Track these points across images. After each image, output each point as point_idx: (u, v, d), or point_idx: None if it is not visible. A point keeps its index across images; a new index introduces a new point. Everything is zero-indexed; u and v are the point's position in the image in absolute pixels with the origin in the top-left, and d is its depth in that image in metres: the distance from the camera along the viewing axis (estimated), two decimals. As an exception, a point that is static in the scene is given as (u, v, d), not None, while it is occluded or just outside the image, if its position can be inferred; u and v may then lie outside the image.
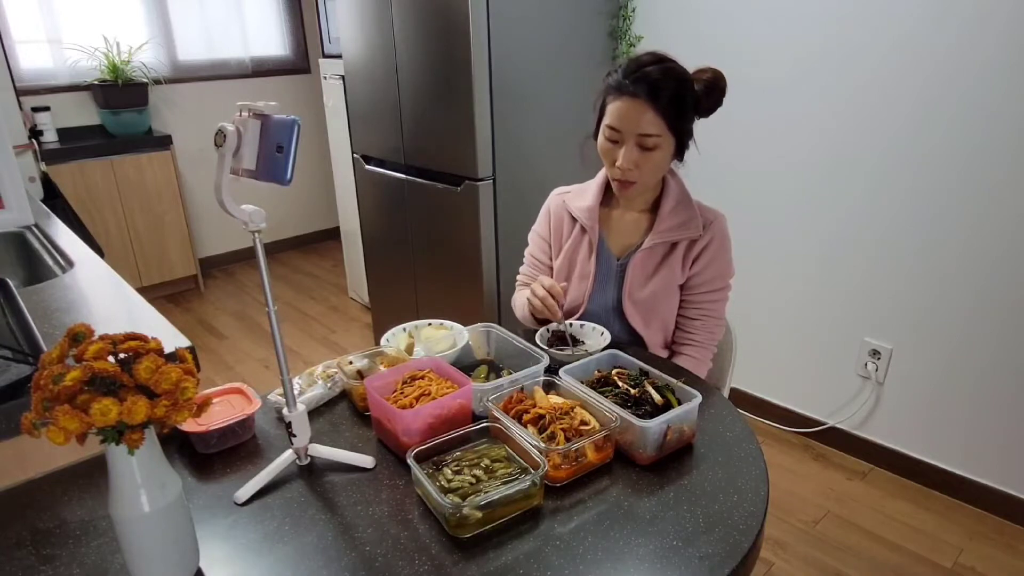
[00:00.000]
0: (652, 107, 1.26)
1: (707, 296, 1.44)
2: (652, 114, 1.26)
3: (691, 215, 1.40)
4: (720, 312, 1.47)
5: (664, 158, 1.33)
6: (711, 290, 1.43)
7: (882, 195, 2.08)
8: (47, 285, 1.45)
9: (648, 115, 1.27)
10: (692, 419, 1.03)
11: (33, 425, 0.65)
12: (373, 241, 2.99)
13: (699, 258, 1.40)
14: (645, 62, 1.29)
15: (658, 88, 1.26)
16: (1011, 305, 1.91)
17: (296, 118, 0.81)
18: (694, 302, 1.45)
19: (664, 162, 1.34)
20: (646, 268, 1.42)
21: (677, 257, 1.40)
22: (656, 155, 1.31)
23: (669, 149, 1.32)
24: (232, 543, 0.84)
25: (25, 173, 2.25)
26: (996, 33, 1.77)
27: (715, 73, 1.32)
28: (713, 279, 1.43)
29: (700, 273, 1.42)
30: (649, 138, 1.28)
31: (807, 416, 2.45)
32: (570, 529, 0.86)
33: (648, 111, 1.26)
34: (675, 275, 1.41)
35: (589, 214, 1.45)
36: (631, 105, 1.28)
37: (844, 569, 1.88)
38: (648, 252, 1.41)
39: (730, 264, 1.45)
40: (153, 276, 3.75)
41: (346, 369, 1.15)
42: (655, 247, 1.41)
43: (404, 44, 2.38)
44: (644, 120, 1.27)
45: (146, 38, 3.73)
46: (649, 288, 1.42)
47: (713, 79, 1.32)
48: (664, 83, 1.26)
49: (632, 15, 2.51)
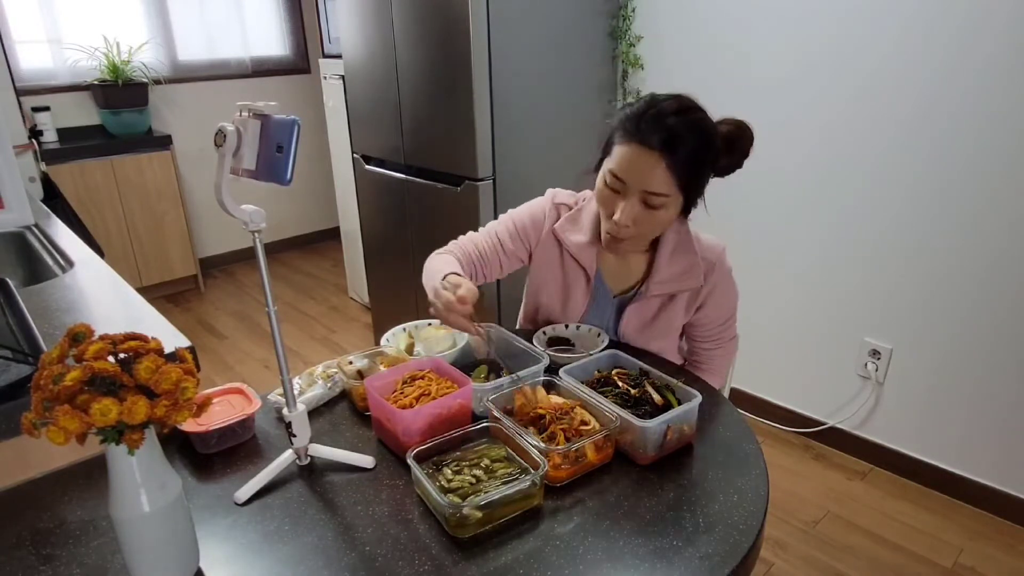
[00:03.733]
0: (665, 163, 1.10)
1: (720, 329, 1.39)
2: (664, 171, 1.11)
3: (692, 262, 1.28)
4: (733, 333, 1.43)
5: (668, 218, 1.19)
6: (723, 323, 1.38)
7: (882, 195, 2.08)
8: (47, 285, 1.45)
9: (659, 172, 1.11)
10: (692, 419, 1.03)
11: (33, 425, 0.65)
12: (373, 241, 2.99)
13: (704, 305, 1.33)
14: (668, 110, 1.12)
15: (677, 143, 1.10)
16: (1011, 305, 1.91)
17: (296, 118, 0.81)
18: (709, 337, 1.39)
19: (667, 222, 1.21)
20: (643, 315, 1.34)
21: (678, 306, 1.32)
22: (660, 214, 1.16)
23: (675, 209, 1.18)
24: (232, 543, 0.84)
25: (25, 173, 2.25)
26: (996, 34, 1.77)
27: (739, 126, 1.17)
28: (721, 315, 1.37)
29: (709, 315, 1.35)
30: (656, 197, 1.13)
31: (807, 416, 2.45)
32: (570, 529, 0.86)
33: (660, 167, 1.10)
34: (676, 320, 1.34)
35: (585, 252, 1.32)
36: (642, 156, 1.11)
37: (844, 569, 1.88)
38: (646, 302, 1.32)
39: (736, 293, 1.38)
40: (153, 276, 3.75)
41: (346, 369, 1.15)
42: (653, 298, 1.32)
43: (404, 44, 2.38)
44: (654, 177, 1.11)
45: (146, 38, 3.73)
46: (646, 334, 1.36)
47: (736, 133, 1.17)
48: (686, 138, 1.10)
49: (632, 15, 2.51)
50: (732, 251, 1.40)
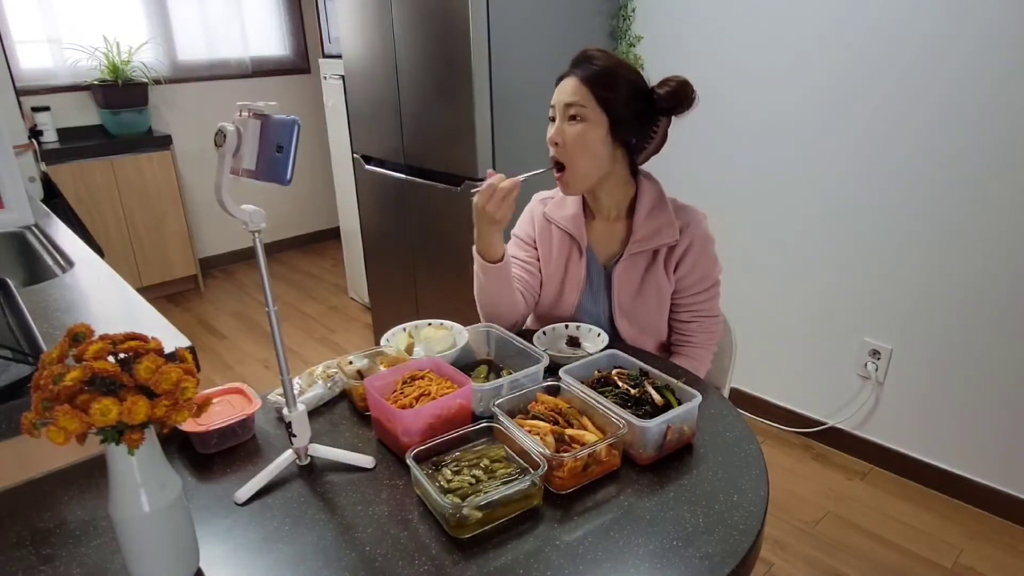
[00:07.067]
0: (577, 77, 1.28)
1: (697, 298, 1.42)
2: (577, 84, 1.28)
3: (666, 220, 1.37)
4: (714, 309, 1.45)
5: (593, 136, 1.29)
6: (700, 291, 1.41)
7: (882, 195, 2.08)
8: (47, 285, 1.45)
9: (573, 84, 1.29)
10: (692, 419, 1.03)
11: (33, 425, 0.65)
12: (373, 241, 2.99)
13: (681, 263, 1.38)
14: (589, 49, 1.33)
15: (588, 62, 1.29)
16: (1011, 305, 1.91)
17: (296, 118, 0.81)
18: (685, 305, 1.43)
19: (594, 141, 1.30)
20: (631, 278, 1.40)
21: (659, 265, 1.38)
22: (582, 129, 1.28)
23: (599, 127, 1.29)
24: (232, 543, 0.84)
25: (25, 173, 2.25)
26: (993, 33, 1.77)
27: (680, 81, 1.32)
28: (699, 280, 1.40)
29: (685, 277, 1.39)
30: (572, 107, 1.28)
31: (807, 416, 2.45)
32: (569, 529, 0.86)
33: (574, 81, 1.29)
34: (663, 284, 1.39)
35: (574, 222, 1.43)
36: (565, 82, 1.31)
37: (844, 569, 1.88)
38: (629, 262, 1.39)
39: (716, 262, 1.42)
40: (153, 276, 3.75)
41: (346, 369, 1.15)
42: (635, 256, 1.39)
43: (404, 44, 2.38)
44: (569, 90, 1.29)
45: (146, 38, 3.73)
46: (639, 299, 1.40)
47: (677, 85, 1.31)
48: (596, 60, 1.29)
49: (632, 15, 2.51)
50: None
